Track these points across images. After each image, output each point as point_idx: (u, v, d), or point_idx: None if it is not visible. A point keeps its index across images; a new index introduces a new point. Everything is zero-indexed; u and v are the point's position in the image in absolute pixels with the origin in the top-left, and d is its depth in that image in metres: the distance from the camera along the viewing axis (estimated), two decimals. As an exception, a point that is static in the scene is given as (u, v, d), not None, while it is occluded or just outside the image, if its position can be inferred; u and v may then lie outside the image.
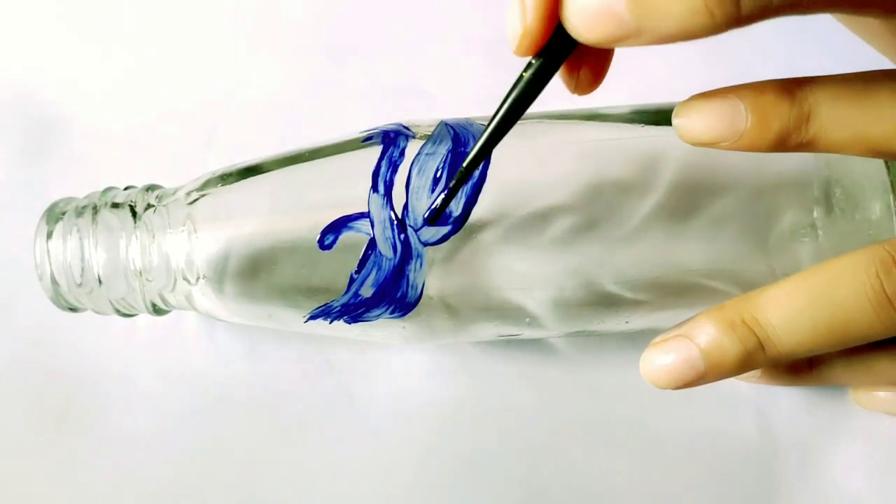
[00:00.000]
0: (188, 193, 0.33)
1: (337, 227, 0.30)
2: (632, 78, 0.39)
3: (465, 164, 0.27)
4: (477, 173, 0.30)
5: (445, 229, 0.30)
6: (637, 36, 0.23)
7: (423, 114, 0.34)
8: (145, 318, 0.38)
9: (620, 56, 0.40)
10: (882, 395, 0.36)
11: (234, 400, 0.39)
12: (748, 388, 0.38)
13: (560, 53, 0.25)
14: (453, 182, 0.28)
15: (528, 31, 0.24)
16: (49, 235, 0.32)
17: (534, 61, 0.25)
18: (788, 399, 0.38)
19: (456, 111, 0.34)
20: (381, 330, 0.32)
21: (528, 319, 0.32)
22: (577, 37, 0.24)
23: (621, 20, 0.23)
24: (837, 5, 0.25)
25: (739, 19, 0.22)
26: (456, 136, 0.31)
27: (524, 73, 0.25)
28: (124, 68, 0.42)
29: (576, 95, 0.27)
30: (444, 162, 0.30)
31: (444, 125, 0.32)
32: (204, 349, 0.39)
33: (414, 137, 0.31)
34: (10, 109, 0.42)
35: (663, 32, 0.23)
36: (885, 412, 0.37)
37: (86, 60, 0.42)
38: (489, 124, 0.26)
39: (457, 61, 0.41)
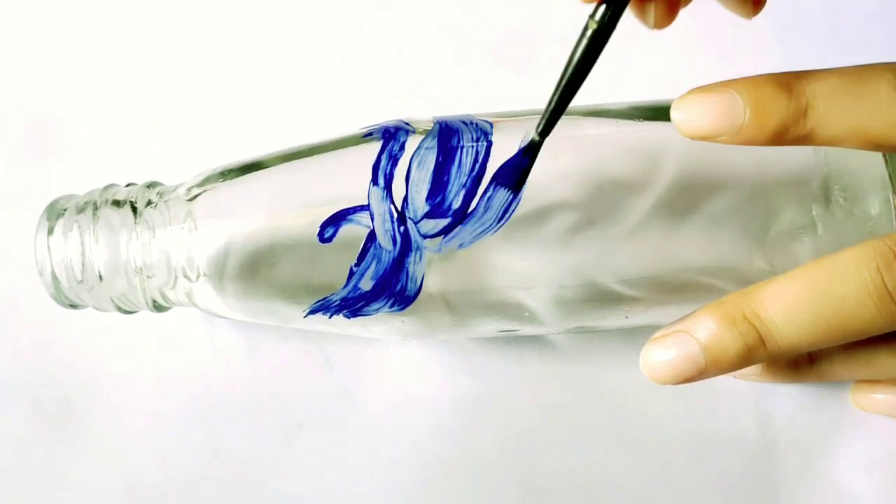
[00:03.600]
0: (189, 190, 0.33)
1: (337, 219, 0.31)
2: (633, 76, 0.39)
3: (542, 123, 0.28)
4: (477, 166, 0.30)
5: (445, 221, 0.30)
6: None
7: (423, 112, 0.34)
8: (146, 318, 0.38)
9: (623, 55, 0.40)
10: (881, 397, 0.36)
11: (234, 400, 0.39)
12: (748, 387, 0.38)
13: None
14: (529, 142, 0.28)
15: None
16: (50, 232, 0.32)
17: (600, 7, 0.25)
18: (788, 398, 0.38)
19: (456, 111, 0.34)
20: (381, 325, 0.32)
21: (527, 315, 0.32)
22: None
23: None
24: None
25: None
26: (446, 130, 0.31)
27: (591, 19, 0.25)
28: (125, 67, 0.42)
29: (655, 30, 0.28)
30: (441, 155, 0.31)
31: (437, 122, 0.32)
32: (204, 349, 0.39)
33: (414, 132, 0.32)
34: (11, 108, 0.42)
35: None
36: (883, 414, 0.37)
37: (86, 58, 0.42)
38: (561, 77, 0.27)
39: (457, 61, 0.41)
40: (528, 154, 0.29)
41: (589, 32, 0.26)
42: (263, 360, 0.39)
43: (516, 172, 0.29)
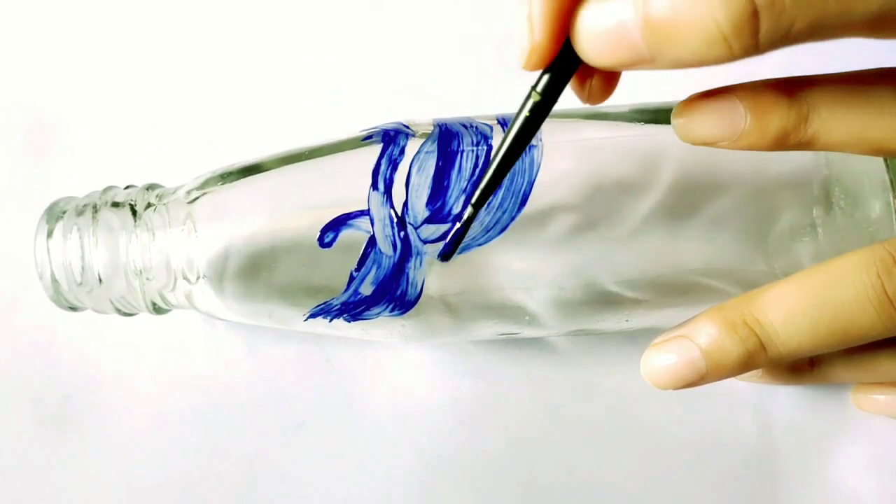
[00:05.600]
0: (188, 192, 0.33)
1: (337, 224, 0.30)
2: (632, 77, 0.39)
3: (476, 194, 0.26)
4: (478, 171, 0.30)
5: (445, 227, 0.30)
6: (650, 62, 0.22)
7: (423, 114, 0.34)
8: (145, 319, 0.38)
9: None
10: (881, 398, 0.36)
11: (234, 400, 0.39)
12: (748, 388, 0.38)
13: (569, 68, 0.24)
14: (466, 216, 0.27)
15: (535, 48, 0.23)
16: (49, 234, 0.32)
17: (542, 78, 0.24)
18: (788, 399, 0.38)
19: (456, 111, 0.34)
20: (381, 328, 0.32)
21: (527, 318, 0.32)
22: (588, 60, 0.23)
23: (635, 47, 0.22)
24: (855, 32, 0.24)
25: (757, 49, 0.22)
26: (446, 134, 0.31)
27: (533, 90, 0.24)
28: (125, 67, 0.42)
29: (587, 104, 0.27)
30: (441, 161, 0.31)
31: (437, 125, 0.32)
32: (204, 349, 0.39)
33: (414, 136, 0.32)
34: (11, 108, 0.42)
35: (678, 60, 0.22)
36: (884, 415, 0.37)
37: (86, 59, 0.42)
38: (500, 147, 0.25)
39: (457, 61, 0.41)
40: (464, 226, 0.27)
41: (530, 104, 0.25)
42: (263, 360, 0.39)
43: (451, 242, 0.28)
